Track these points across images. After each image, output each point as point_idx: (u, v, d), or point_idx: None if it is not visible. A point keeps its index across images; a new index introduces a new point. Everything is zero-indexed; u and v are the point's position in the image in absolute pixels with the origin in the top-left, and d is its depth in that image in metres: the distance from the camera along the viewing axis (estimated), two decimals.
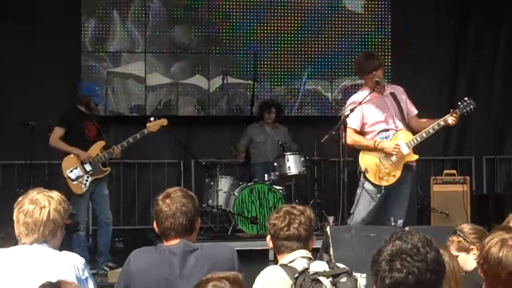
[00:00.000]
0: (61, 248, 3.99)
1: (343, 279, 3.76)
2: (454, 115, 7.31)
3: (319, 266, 3.87)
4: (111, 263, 8.54)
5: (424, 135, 7.38)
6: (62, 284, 2.91)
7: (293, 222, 4.18)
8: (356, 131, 7.39)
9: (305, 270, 3.84)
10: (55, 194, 3.94)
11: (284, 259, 4.19)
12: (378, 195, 7.32)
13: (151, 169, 11.42)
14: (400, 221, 7.37)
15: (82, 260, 3.90)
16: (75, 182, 8.48)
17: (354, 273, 3.80)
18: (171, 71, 11.49)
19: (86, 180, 8.53)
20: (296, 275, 3.84)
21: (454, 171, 11.29)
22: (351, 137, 7.29)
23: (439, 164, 12.04)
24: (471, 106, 7.47)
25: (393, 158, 7.32)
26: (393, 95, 7.55)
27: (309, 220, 4.23)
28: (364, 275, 3.75)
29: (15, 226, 3.88)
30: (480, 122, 12.07)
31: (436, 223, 10.29)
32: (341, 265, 3.94)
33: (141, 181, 11.43)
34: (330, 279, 3.73)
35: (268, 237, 4.31)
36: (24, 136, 9.18)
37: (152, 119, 8.88)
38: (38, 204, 3.84)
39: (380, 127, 7.43)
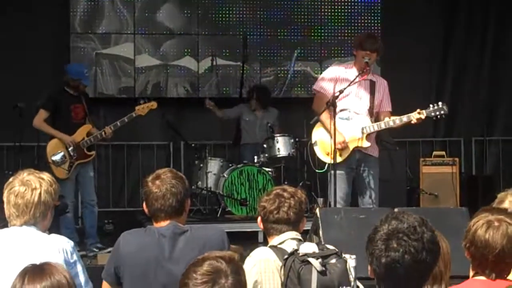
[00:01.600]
0: (49, 230, 3.99)
1: (333, 261, 3.77)
2: (420, 115, 7.26)
3: (309, 247, 3.88)
4: (100, 244, 8.52)
5: (383, 125, 7.40)
6: (46, 266, 2.90)
7: (283, 205, 4.19)
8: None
9: (295, 251, 3.85)
10: (46, 176, 3.94)
11: (273, 240, 4.20)
12: (321, 170, 7.37)
13: (140, 151, 11.40)
14: (368, 201, 7.38)
15: (71, 243, 3.90)
16: (58, 167, 8.41)
17: (343, 255, 3.81)
18: (161, 53, 11.44)
19: (70, 166, 8.46)
20: (286, 256, 3.85)
21: (443, 153, 11.30)
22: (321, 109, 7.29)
23: (428, 146, 12.05)
24: (442, 112, 7.42)
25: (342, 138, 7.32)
26: (372, 83, 7.55)
27: (299, 203, 4.24)
28: (354, 256, 3.76)
29: (5, 207, 3.86)
30: (470, 104, 12.09)
31: (425, 205, 10.31)
32: (330, 247, 3.95)
33: (130, 163, 11.41)
34: (320, 260, 3.74)
35: (259, 218, 4.32)
36: (12, 118, 9.14)
37: (141, 101, 8.81)
38: (29, 186, 3.83)
39: (344, 105, 7.41)
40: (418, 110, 7.29)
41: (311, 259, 3.73)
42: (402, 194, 10.15)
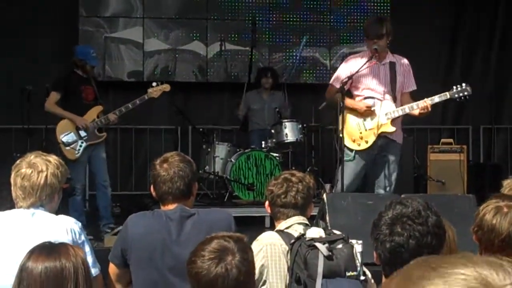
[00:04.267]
0: (57, 212, 4.00)
1: (339, 246, 3.77)
2: (424, 103, 7.20)
3: (315, 232, 3.88)
4: (113, 225, 8.48)
5: (407, 109, 7.28)
6: (57, 246, 2.90)
7: (291, 190, 4.20)
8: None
9: (301, 236, 3.85)
10: (53, 158, 3.94)
11: (280, 225, 4.20)
12: (348, 158, 7.26)
13: (148, 135, 11.42)
14: (385, 191, 7.34)
15: (79, 224, 3.91)
16: (68, 148, 8.39)
17: (350, 240, 3.81)
18: (169, 37, 11.44)
19: (80, 146, 8.43)
20: (292, 241, 3.85)
21: (451, 140, 11.29)
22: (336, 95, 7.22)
23: (436, 133, 12.05)
24: (466, 93, 7.37)
25: (369, 125, 7.28)
26: (392, 64, 7.44)
27: (307, 188, 4.24)
28: (360, 241, 3.76)
29: (12, 189, 3.88)
30: (478, 92, 12.03)
31: (433, 192, 10.30)
32: (337, 232, 3.95)
33: (138, 147, 11.43)
34: (326, 245, 3.74)
35: (267, 202, 4.33)
36: (21, 101, 9.14)
37: (154, 84, 8.79)
38: (35, 168, 3.84)
39: (366, 93, 7.37)
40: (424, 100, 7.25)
41: (317, 244, 3.73)
42: (410, 181, 10.14)
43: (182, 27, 11.46)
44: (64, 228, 3.80)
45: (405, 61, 7.60)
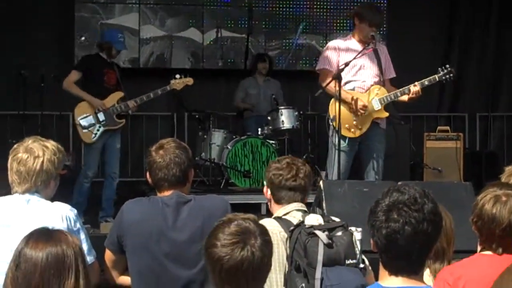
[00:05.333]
0: (60, 197, 3.98)
1: (339, 233, 3.75)
2: (416, 87, 7.23)
3: (314, 219, 3.86)
4: (109, 219, 8.30)
5: (399, 93, 7.32)
6: (53, 232, 2.86)
7: (299, 172, 4.19)
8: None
9: (301, 223, 3.83)
10: (51, 144, 3.92)
11: (279, 211, 4.18)
12: (343, 146, 7.24)
13: (144, 122, 11.39)
14: (376, 177, 7.35)
15: (74, 211, 3.89)
16: (86, 131, 8.20)
17: (349, 227, 3.80)
18: (165, 24, 11.41)
19: (98, 130, 8.23)
20: (292, 228, 3.83)
21: (447, 128, 11.27)
22: (331, 84, 7.21)
23: (433, 121, 12.04)
24: (451, 74, 7.41)
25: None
26: (375, 51, 7.48)
27: (309, 172, 4.26)
28: (360, 229, 3.74)
29: (9, 174, 3.86)
30: (474, 79, 12.06)
31: (429, 179, 10.29)
32: (336, 219, 3.94)
33: (134, 133, 11.39)
34: (326, 232, 3.72)
35: (265, 188, 4.29)
36: (16, 86, 9.12)
37: (177, 76, 8.65)
38: (32, 153, 3.82)
39: (354, 78, 7.39)
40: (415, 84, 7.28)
41: (317, 232, 3.71)
42: (406, 169, 10.14)
43: (178, 14, 11.43)
44: (59, 215, 3.79)
45: (385, 48, 7.69)
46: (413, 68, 9.58)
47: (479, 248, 3.40)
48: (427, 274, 3.65)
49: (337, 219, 3.93)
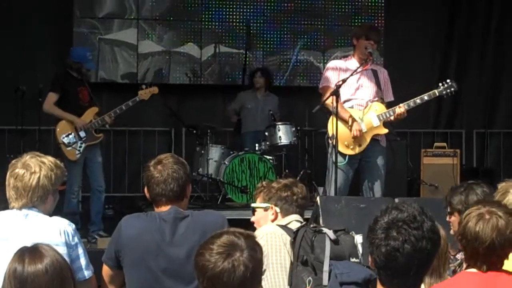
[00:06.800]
0: (52, 214, 3.98)
1: (342, 235, 3.86)
2: (400, 109, 7.29)
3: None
4: (102, 232, 8.46)
5: (397, 110, 7.36)
6: (40, 247, 2.90)
7: (302, 191, 4.58)
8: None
9: (305, 225, 3.94)
10: (48, 160, 3.93)
11: (279, 222, 4.26)
12: (341, 164, 7.26)
13: (141, 137, 11.40)
14: (378, 194, 7.37)
15: (72, 225, 3.90)
16: (69, 148, 8.37)
17: (350, 232, 3.91)
18: (163, 39, 11.44)
19: (80, 147, 8.41)
20: (296, 228, 3.93)
21: (444, 144, 11.30)
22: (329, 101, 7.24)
23: (430, 137, 12.06)
24: (452, 89, 7.46)
25: (363, 127, 7.32)
26: (374, 72, 7.56)
27: (305, 191, 4.58)
28: (360, 235, 3.82)
29: (6, 189, 3.87)
30: (471, 96, 12.08)
31: (426, 196, 10.32)
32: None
33: (131, 148, 11.41)
34: (332, 231, 3.84)
35: (274, 207, 4.52)
36: (14, 101, 9.13)
37: (143, 86, 8.84)
38: (29, 169, 3.83)
39: (348, 95, 7.43)
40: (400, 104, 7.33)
41: (324, 229, 3.82)
42: (403, 185, 10.16)
43: (176, 29, 11.46)
44: (57, 230, 3.79)
45: (385, 71, 7.78)
46: (409, 85, 9.60)
47: (464, 266, 3.41)
48: None
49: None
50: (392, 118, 7.39)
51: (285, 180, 4.60)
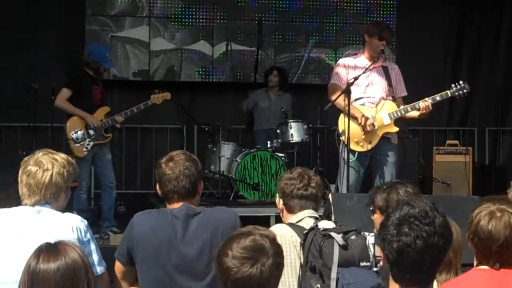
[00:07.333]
0: (63, 211, 4.00)
1: (353, 237, 3.80)
2: (426, 103, 7.24)
3: (327, 224, 3.92)
4: (115, 228, 8.47)
5: (409, 108, 7.34)
6: (60, 245, 2.89)
7: (311, 182, 4.31)
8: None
9: (315, 227, 3.88)
10: (60, 157, 3.93)
11: (291, 218, 4.22)
12: (353, 161, 7.27)
13: (153, 134, 11.42)
14: None
15: (84, 222, 3.91)
16: (78, 145, 8.37)
17: (362, 232, 3.85)
18: (175, 37, 11.45)
19: (88, 144, 8.41)
20: (306, 231, 3.88)
21: (456, 142, 11.28)
22: (340, 99, 7.24)
23: (442, 135, 12.03)
24: (465, 90, 7.42)
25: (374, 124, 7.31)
26: (384, 68, 7.54)
27: (320, 182, 4.39)
28: (372, 234, 3.79)
29: (19, 186, 3.88)
30: (484, 94, 12.04)
31: (438, 193, 10.28)
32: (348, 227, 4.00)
33: (143, 146, 11.43)
34: (341, 234, 3.77)
35: (277, 198, 4.36)
36: (27, 99, 9.16)
37: (156, 91, 8.83)
38: (41, 166, 3.84)
39: (364, 94, 7.43)
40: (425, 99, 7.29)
41: (333, 234, 3.78)
42: (415, 182, 10.03)
43: (188, 27, 11.46)
44: (70, 226, 3.80)
45: (396, 67, 7.76)
46: (422, 83, 9.59)
47: (475, 263, 3.39)
48: (435, 286, 3.66)
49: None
50: (415, 114, 7.34)
51: (296, 170, 4.45)
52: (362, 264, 3.75)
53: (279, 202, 4.35)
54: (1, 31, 10.68)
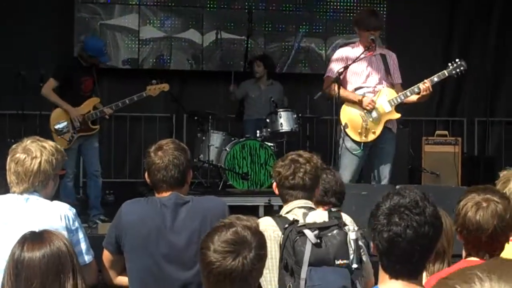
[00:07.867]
0: (51, 199, 3.98)
1: (333, 232, 3.72)
2: (425, 84, 7.23)
3: (317, 217, 3.84)
4: (103, 216, 8.45)
5: (408, 93, 7.33)
6: (45, 233, 2.88)
7: (298, 171, 4.11)
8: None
9: (294, 221, 3.81)
10: (49, 144, 3.92)
11: (283, 209, 4.16)
12: (357, 152, 7.28)
13: (142, 123, 11.39)
14: (385, 180, 7.37)
15: (73, 210, 3.90)
16: (60, 137, 8.29)
17: (345, 227, 3.77)
18: (165, 25, 11.40)
19: (72, 136, 8.34)
20: (285, 226, 3.81)
21: (446, 132, 11.30)
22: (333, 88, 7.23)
23: (431, 125, 12.05)
24: (462, 68, 7.40)
25: (374, 114, 7.30)
26: (383, 56, 7.53)
27: (314, 169, 4.16)
28: (356, 228, 3.73)
29: (7, 174, 3.86)
30: (473, 85, 12.06)
31: (427, 183, 10.31)
32: (345, 215, 3.94)
33: (132, 134, 11.40)
34: (316, 232, 3.68)
35: (274, 184, 4.26)
36: (15, 86, 9.11)
37: (154, 81, 8.68)
38: (30, 154, 3.82)
39: (360, 83, 7.41)
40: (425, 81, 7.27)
41: (306, 231, 3.67)
42: (404, 173, 10.14)
43: (178, 15, 11.42)
44: (58, 214, 3.79)
45: (393, 55, 7.73)
46: (412, 71, 9.57)
47: (464, 255, 3.39)
48: (424, 276, 3.65)
49: (346, 216, 3.92)
50: (414, 98, 7.32)
51: (290, 156, 4.21)
52: (337, 262, 3.66)
53: (275, 188, 4.27)
54: None
